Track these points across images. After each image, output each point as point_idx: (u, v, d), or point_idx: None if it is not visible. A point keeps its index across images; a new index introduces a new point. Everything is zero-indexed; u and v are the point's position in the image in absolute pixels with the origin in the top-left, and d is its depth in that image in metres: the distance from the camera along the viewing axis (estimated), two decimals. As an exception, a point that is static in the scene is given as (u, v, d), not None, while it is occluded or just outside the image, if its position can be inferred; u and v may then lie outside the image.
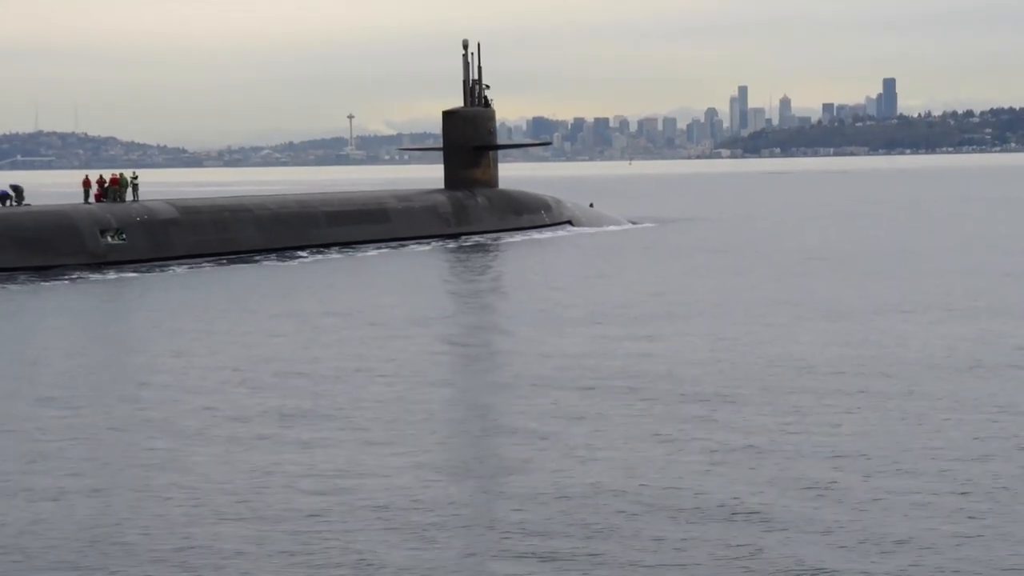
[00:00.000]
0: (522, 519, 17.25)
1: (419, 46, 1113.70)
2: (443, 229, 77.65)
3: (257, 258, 64.79)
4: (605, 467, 19.92)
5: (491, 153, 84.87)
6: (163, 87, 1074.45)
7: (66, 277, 55.40)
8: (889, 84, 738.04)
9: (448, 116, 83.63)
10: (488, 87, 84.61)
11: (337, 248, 69.89)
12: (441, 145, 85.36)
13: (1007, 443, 21.05)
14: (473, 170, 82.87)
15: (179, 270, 59.19)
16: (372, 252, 68.75)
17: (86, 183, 66.06)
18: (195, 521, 17.63)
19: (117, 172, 68.10)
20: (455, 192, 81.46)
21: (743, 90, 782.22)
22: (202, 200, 71.09)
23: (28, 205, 63.42)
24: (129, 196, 65.87)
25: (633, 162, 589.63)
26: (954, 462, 19.83)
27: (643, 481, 18.99)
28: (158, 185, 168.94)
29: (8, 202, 62.88)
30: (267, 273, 58.43)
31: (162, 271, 58.71)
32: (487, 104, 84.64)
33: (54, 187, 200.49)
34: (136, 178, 67.07)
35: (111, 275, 56.70)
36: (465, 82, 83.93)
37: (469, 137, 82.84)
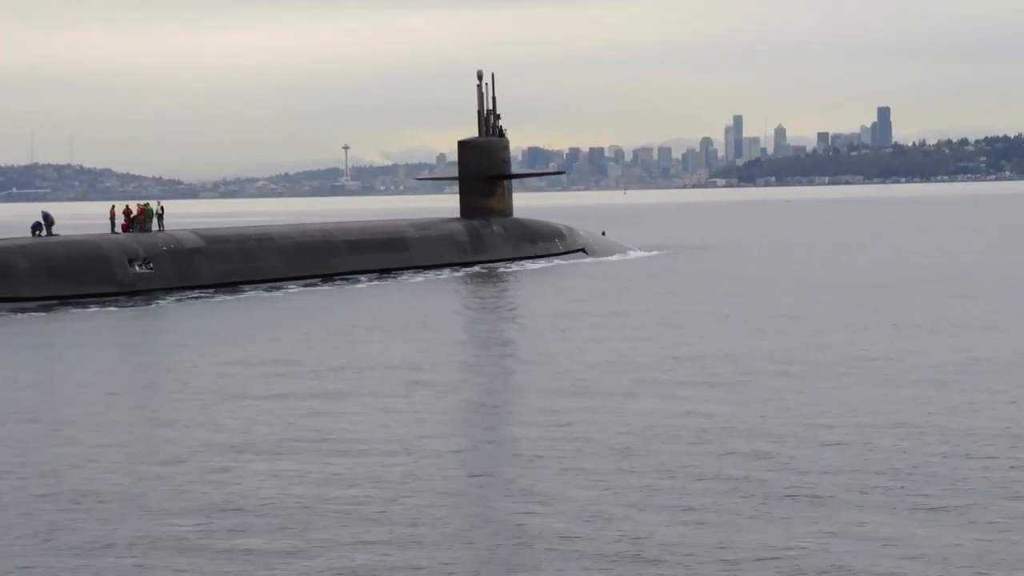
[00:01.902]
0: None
1: (414, 77, 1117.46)
2: (460, 257, 78.65)
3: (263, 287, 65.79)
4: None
5: (505, 182, 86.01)
6: (158, 119, 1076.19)
7: (95, 306, 56.65)
8: (883, 113, 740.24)
9: (463, 146, 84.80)
10: (500, 116, 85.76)
11: (359, 275, 70.98)
12: (447, 174, 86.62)
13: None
14: (488, 199, 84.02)
15: (164, 300, 60.04)
16: (404, 278, 70.02)
17: (113, 214, 67.16)
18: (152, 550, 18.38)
19: (143, 202, 69.32)
20: (471, 221, 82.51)
21: (738, 119, 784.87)
22: (227, 229, 72.32)
23: (56, 235, 64.40)
24: (155, 226, 66.91)
25: (628, 192, 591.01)
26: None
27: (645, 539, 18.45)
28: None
29: (39, 232, 63.95)
30: (287, 303, 59.41)
31: (193, 300, 59.84)
32: (501, 134, 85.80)
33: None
34: (162, 208, 68.14)
35: (139, 304, 57.87)
36: (480, 112, 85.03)
37: (484, 166, 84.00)
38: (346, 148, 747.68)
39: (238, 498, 21.19)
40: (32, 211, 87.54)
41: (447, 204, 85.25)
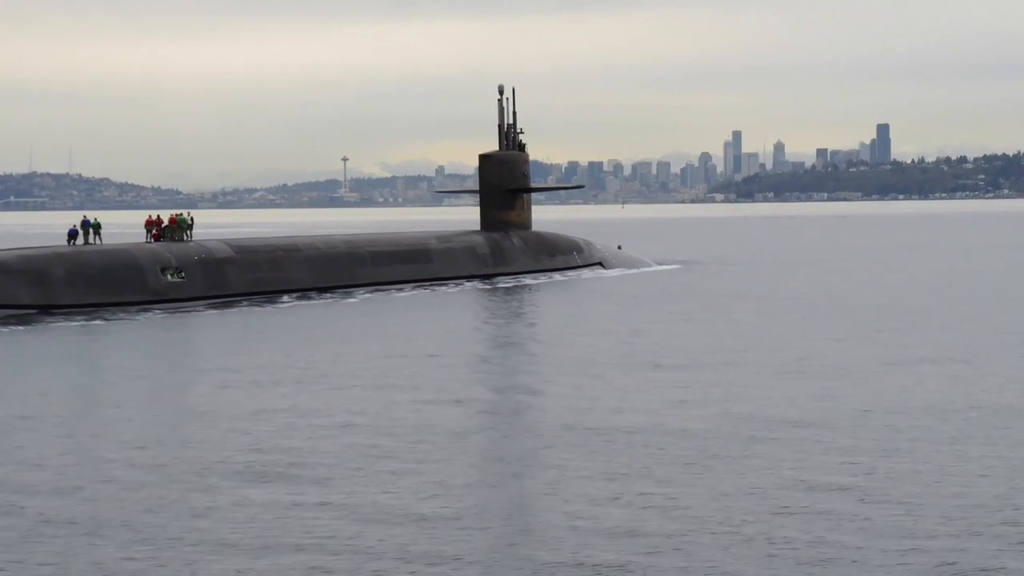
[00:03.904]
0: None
1: (413, 90, 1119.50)
2: (481, 269, 79.45)
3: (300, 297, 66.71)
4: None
5: (525, 196, 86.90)
6: (157, 129, 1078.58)
7: (129, 314, 57.58)
8: (883, 130, 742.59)
9: (484, 159, 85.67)
10: (522, 131, 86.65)
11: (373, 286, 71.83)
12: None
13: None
14: (508, 212, 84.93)
15: (195, 309, 60.78)
16: (413, 291, 70.63)
17: (148, 223, 68.13)
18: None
19: (176, 212, 70.32)
20: (491, 233, 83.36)
21: (737, 135, 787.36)
22: (256, 240, 73.28)
23: (91, 244, 65.18)
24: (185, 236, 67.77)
25: (626, 206, 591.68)
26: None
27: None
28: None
29: (73, 241, 64.78)
30: (312, 312, 60.22)
31: (224, 309, 60.67)
32: (521, 148, 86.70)
33: (50, 228, 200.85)
34: (192, 219, 69.06)
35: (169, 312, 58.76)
36: (500, 126, 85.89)
37: (505, 180, 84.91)
38: (345, 160, 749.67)
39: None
40: (28, 220, 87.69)
41: (454, 216, 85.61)
